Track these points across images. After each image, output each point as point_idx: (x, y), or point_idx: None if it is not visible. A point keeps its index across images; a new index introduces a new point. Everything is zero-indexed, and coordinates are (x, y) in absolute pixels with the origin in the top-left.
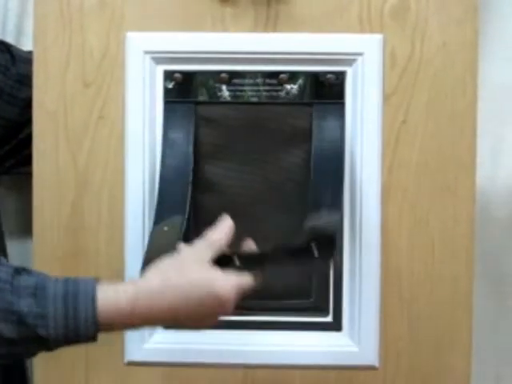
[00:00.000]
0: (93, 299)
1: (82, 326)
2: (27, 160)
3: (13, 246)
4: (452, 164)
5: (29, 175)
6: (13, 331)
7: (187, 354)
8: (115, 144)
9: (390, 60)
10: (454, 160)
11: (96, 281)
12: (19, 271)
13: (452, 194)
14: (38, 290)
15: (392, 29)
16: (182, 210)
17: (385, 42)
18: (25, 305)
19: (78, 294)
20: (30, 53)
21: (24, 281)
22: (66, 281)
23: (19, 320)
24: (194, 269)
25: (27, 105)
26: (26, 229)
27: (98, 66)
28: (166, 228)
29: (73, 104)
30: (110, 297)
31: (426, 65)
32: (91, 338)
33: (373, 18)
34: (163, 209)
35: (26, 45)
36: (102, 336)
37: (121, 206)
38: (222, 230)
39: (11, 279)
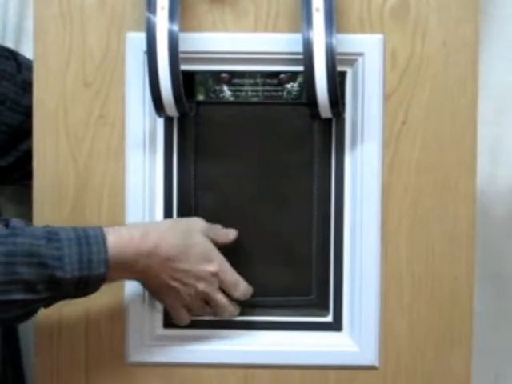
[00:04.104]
0: (103, 238)
1: (95, 265)
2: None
3: None
4: (452, 164)
5: (26, 186)
6: (32, 274)
7: (188, 354)
8: (115, 144)
9: (390, 60)
10: (454, 160)
11: (101, 227)
12: (29, 223)
13: (452, 193)
14: (52, 235)
15: (392, 29)
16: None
17: (385, 42)
18: (42, 247)
19: (88, 236)
20: None
21: (37, 228)
22: (74, 228)
23: (39, 262)
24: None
25: (30, 113)
26: None
27: (99, 65)
28: None
29: (73, 104)
30: (122, 231)
31: (427, 65)
32: (101, 278)
33: (373, 18)
34: None
35: (26, 44)
36: (102, 336)
37: (121, 205)
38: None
39: (25, 226)
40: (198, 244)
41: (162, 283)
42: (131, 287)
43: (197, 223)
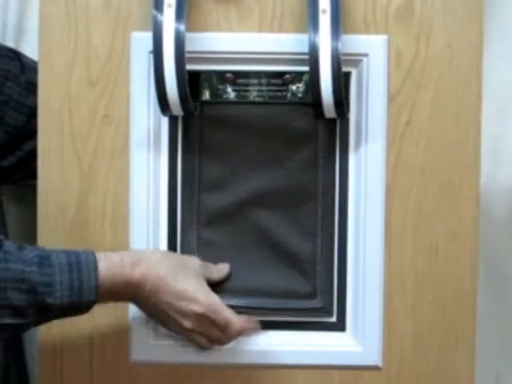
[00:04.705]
0: (95, 264)
1: (85, 292)
2: (35, 173)
3: None
4: (456, 164)
5: (29, 186)
6: (22, 299)
7: (192, 353)
8: (120, 143)
9: (394, 61)
10: (458, 160)
11: (94, 252)
12: (22, 245)
13: (456, 194)
14: (44, 260)
15: (397, 29)
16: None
17: (390, 43)
18: (34, 273)
19: (80, 262)
20: None
21: (29, 252)
22: (67, 252)
23: (29, 288)
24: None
25: (34, 113)
26: (27, 237)
27: (104, 65)
28: None
29: (78, 103)
30: (113, 259)
31: (431, 65)
32: (90, 305)
33: (378, 19)
34: None
35: (26, 44)
36: (106, 335)
37: (125, 205)
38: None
39: (18, 251)
40: (184, 282)
41: (152, 311)
42: None
43: (190, 262)
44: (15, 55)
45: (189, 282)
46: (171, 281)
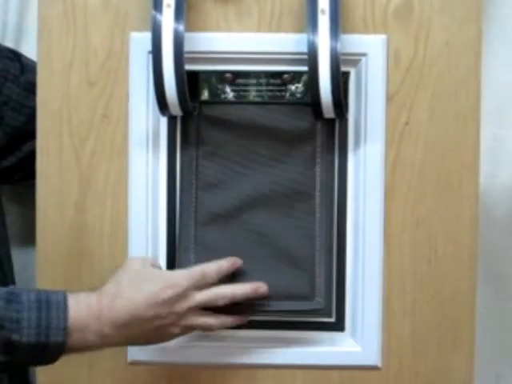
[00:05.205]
0: (65, 305)
1: (53, 332)
2: (34, 174)
3: (13, 254)
4: (455, 164)
5: (29, 186)
6: None
7: (190, 353)
8: (119, 143)
9: (393, 60)
10: (457, 160)
11: (65, 292)
12: None
13: (455, 193)
14: (13, 296)
15: (396, 29)
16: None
17: (388, 43)
18: (1, 309)
19: (50, 301)
20: None
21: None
22: (38, 290)
23: None
24: (150, 273)
25: (34, 114)
26: (26, 237)
27: (102, 65)
28: None
29: (77, 103)
30: (81, 300)
31: (430, 65)
32: (59, 347)
33: (376, 19)
34: None
35: (26, 44)
36: None
37: (124, 205)
38: (218, 268)
39: None
40: (134, 295)
41: (139, 336)
42: None
43: (129, 265)
44: (15, 56)
45: (136, 291)
46: (124, 301)
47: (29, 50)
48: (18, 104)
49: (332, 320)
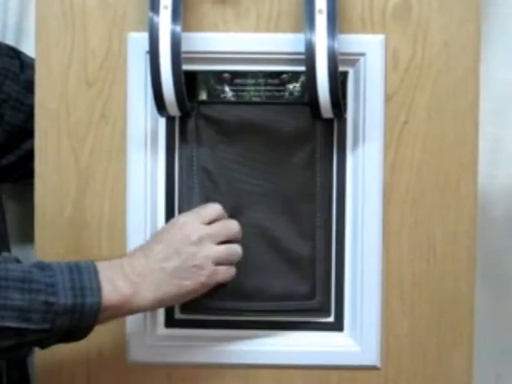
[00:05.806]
0: (94, 269)
1: (88, 292)
2: (34, 172)
3: (13, 251)
4: (454, 164)
5: (28, 184)
6: (25, 300)
7: (190, 353)
8: (117, 143)
9: (391, 60)
10: (455, 160)
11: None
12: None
13: (454, 193)
14: (44, 264)
15: (394, 29)
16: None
17: (387, 43)
18: (35, 274)
19: (79, 266)
20: None
21: (27, 262)
22: (66, 261)
23: (32, 288)
24: None
25: (33, 112)
26: (26, 235)
27: (100, 65)
28: None
29: (75, 103)
30: (107, 262)
31: (428, 65)
32: (95, 310)
33: (375, 19)
34: None
35: (26, 44)
36: (104, 336)
37: (122, 204)
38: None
39: (16, 259)
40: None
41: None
42: None
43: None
44: (15, 53)
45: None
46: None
47: (29, 50)
48: (18, 102)
49: (331, 320)
